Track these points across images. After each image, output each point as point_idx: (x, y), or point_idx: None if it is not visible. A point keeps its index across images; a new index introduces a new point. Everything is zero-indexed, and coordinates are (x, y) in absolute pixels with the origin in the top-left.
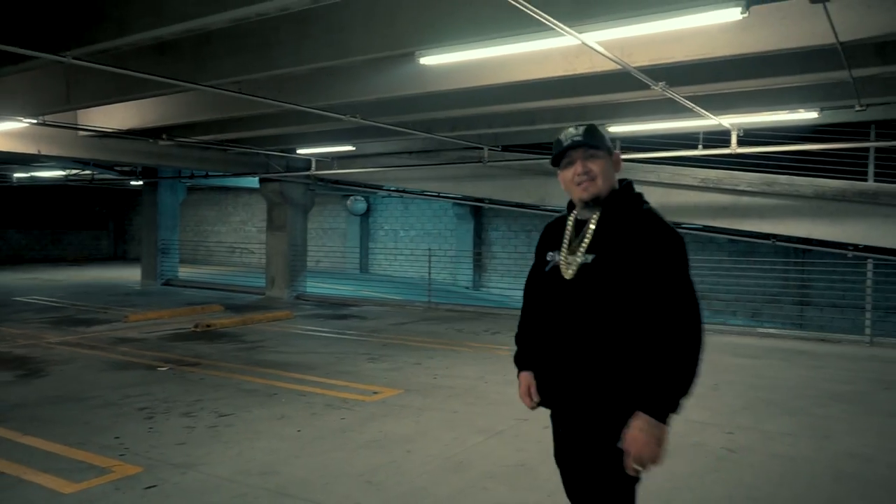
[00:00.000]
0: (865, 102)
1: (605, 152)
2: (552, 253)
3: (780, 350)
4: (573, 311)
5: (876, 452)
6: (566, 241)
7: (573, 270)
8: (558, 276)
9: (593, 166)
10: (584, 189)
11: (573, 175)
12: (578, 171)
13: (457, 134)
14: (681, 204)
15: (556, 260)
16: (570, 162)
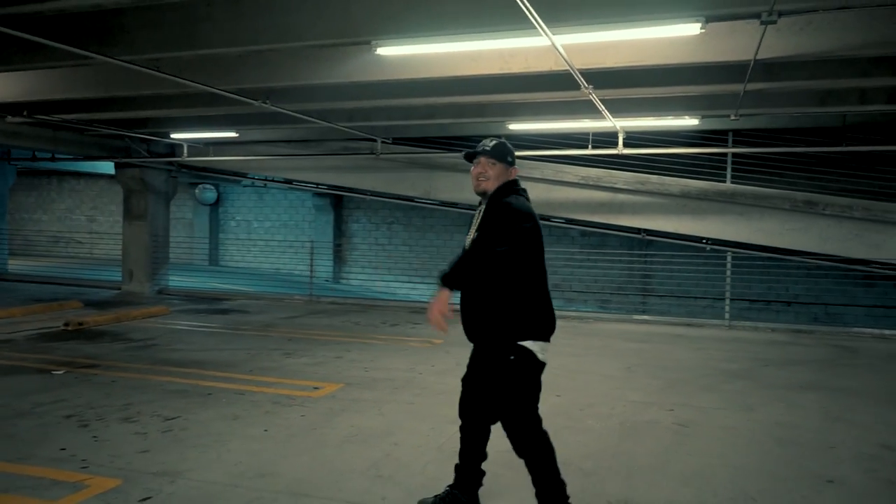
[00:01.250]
0: (739, 113)
1: (503, 164)
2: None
3: (660, 335)
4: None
5: (794, 420)
6: (474, 223)
7: (468, 243)
8: (464, 248)
9: (490, 171)
10: (477, 185)
11: (476, 172)
12: (478, 171)
13: (353, 124)
14: (562, 200)
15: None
16: (477, 163)
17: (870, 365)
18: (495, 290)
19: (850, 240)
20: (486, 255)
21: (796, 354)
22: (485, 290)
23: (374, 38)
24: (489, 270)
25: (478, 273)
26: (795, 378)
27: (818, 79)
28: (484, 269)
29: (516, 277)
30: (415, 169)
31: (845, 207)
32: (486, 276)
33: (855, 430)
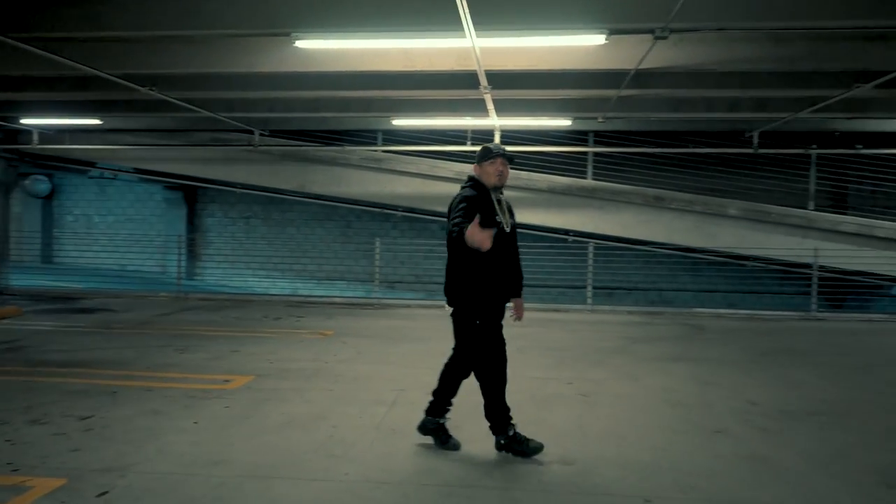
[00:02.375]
0: (606, 116)
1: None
2: (499, 217)
3: (534, 320)
4: (511, 251)
5: (675, 385)
6: (497, 209)
7: (509, 225)
8: (503, 230)
9: (506, 170)
10: (500, 179)
11: (496, 170)
12: (501, 169)
13: (233, 115)
14: (437, 194)
15: (501, 220)
16: (495, 162)
17: (716, 339)
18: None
19: (691, 231)
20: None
21: (656, 332)
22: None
23: (294, 31)
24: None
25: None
26: (663, 352)
27: (676, 88)
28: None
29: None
30: (290, 162)
31: (688, 202)
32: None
33: (723, 391)
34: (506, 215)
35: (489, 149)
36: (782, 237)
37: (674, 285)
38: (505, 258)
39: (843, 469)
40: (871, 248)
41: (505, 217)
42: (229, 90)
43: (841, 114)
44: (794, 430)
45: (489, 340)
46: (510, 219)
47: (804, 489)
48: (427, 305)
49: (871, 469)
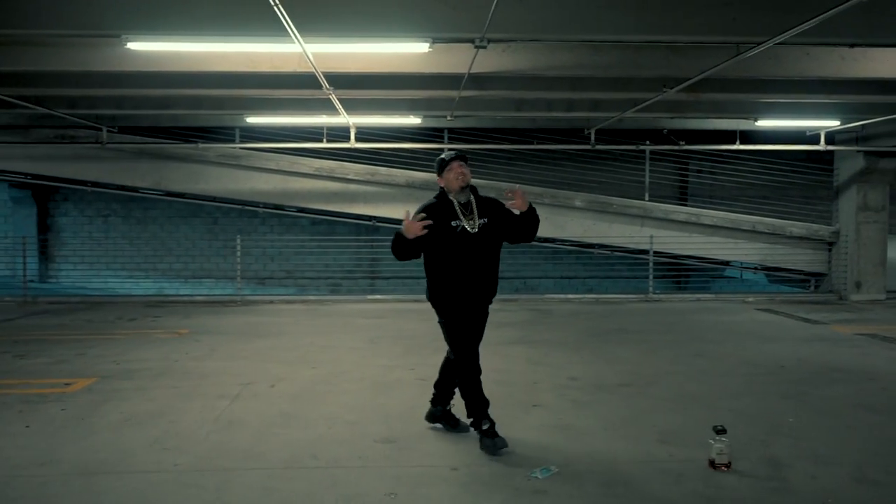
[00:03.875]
0: (454, 114)
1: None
2: (456, 222)
3: (392, 310)
4: (480, 251)
5: (507, 366)
6: (459, 213)
7: (477, 227)
8: (467, 233)
9: (467, 170)
10: (465, 180)
11: (458, 173)
12: (465, 170)
13: (76, 111)
14: (298, 189)
15: (462, 224)
16: (452, 168)
17: (559, 322)
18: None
19: (542, 222)
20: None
21: (505, 318)
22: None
23: (124, 33)
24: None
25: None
26: (506, 336)
27: (514, 90)
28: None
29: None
30: (145, 159)
31: (538, 195)
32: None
33: (550, 369)
34: (473, 217)
35: (443, 159)
36: (623, 226)
37: (537, 273)
38: (472, 260)
39: (631, 431)
40: (699, 234)
41: (467, 220)
42: (68, 87)
43: (664, 114)
44: (602, 401)
45: (455, 338)
46: (480, 220)
47: (593, 448)
48: (293, 301)
49: (655, 430)
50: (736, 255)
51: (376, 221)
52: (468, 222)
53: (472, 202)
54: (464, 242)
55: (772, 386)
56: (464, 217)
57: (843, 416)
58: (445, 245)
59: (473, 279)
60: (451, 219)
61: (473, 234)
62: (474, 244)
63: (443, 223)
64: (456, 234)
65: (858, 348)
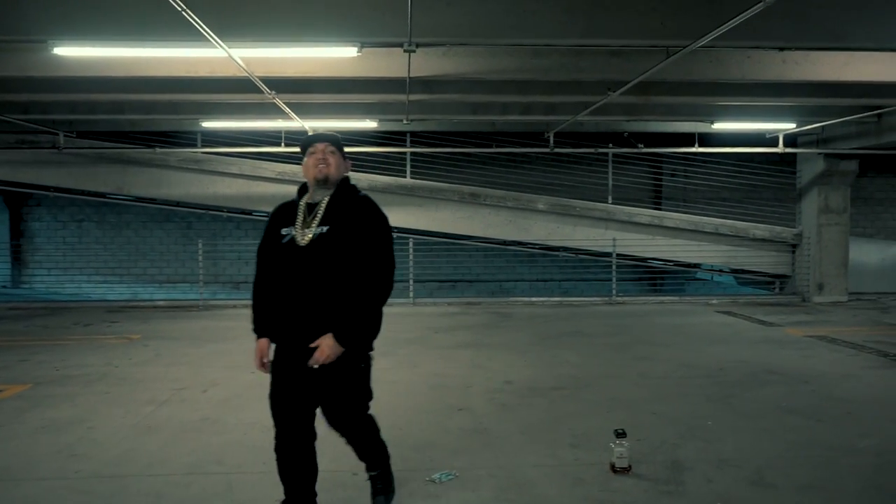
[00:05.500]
0: (410, 118)
1: (341, 155)
2: (287, 228)
3: None
4: (309, 271)
5: (446, 370)
6: (300, 219)
7: (308, 238)
8: (294, 245)
9: (331, 158)
10: (318, 171)
11: (314, 160)
12: (319, 156)
13: (29, 117)
14: (260, 194)
15: (291, 233)
16: (314, 150)
17: (516, 326)
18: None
19: (506, 225)
20: (385, 270)
21: (463, 322)
22: (343, 289)
23: (49, 38)
24: (386, 277)
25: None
26: (457, 340)
27: (463, 93)
28: (386, 276)
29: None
30: (106, 164)
31: (501, 198)
32: (376, 279)
33: (489, 373)
34: (311, 223)
35: (307, 140)
36: (588, 229)
37: (512, 276)
38: (294, 283)
39: (547, 435)
40: (662, 236)
41: (303, 227)
42: (15, 92)
43: (621, 117)
44: (529, 404)
45: (272, 380)
46: (318, 228)
47: (502, 452)
48: None
49: (571, 433)
50: (700, 258)
51: None
52: (302, 230)
53: (322, 203)
54: (287, 257)
55: (703, 389)
56: (302, 223)
57: (761, 419)
58: (275, 256)
59: (292, 310)
60: (286, 223)
61: (300, 248)
62: (299, 261)
63: (275, 228)
64: (280, 246)
65: (803, 350)
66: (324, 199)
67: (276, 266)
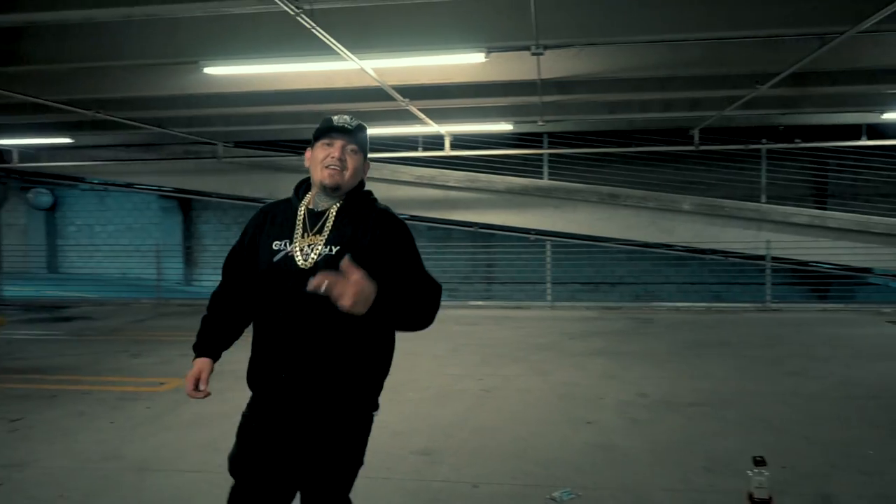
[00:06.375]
0: (545, 119)
1: (363, 157)
2: (281, 242)
3: (490, 317)
4: (313, 302)
5: (578, 380)
6: (298, 230)
7: (312, 260)
8: (292, 265)
9: (349, 160)
10: (330, 175)
11: (327, 156)
12: (335, 155)
13: (192, 130)
14: (400, 197)
15: (286, 249)
16: (330, 143)
17: (656, 333)
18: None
19: (648, 226)
20: (432, 283)
21: (600, 327)
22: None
23: (200, 59)
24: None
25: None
26: (592, 347)
27: (599, 93)
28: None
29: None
30: (258, 171)
31: (642, 199)
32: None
33: (623, 384)
34: (317, 240)
35: (324, 124)
36: (737, 230)
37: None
38: (291, 314)
39: (679, 455)
40: (825, 238)
41: (304, 241)
42: (180, 108)
43: (775, 110)
44: (663, 420)
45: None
46: (327, 247)
47: (629, 472)
48: None
49: (706, 456)
50: (871, 261)
51: (478, 227)
52: (303, 246)
53: (330, 213)
54: (279, 281)
55: (865, 412)
56: (302, 235)
57: None
58: (260, 280)
59: (284, 352)
60: (279, 235)
61: (301, 271)
62: (298, 289)
63: (262, 242)
64: (271, 265)
65: None
66: (332, 209)
67: (263, 290)
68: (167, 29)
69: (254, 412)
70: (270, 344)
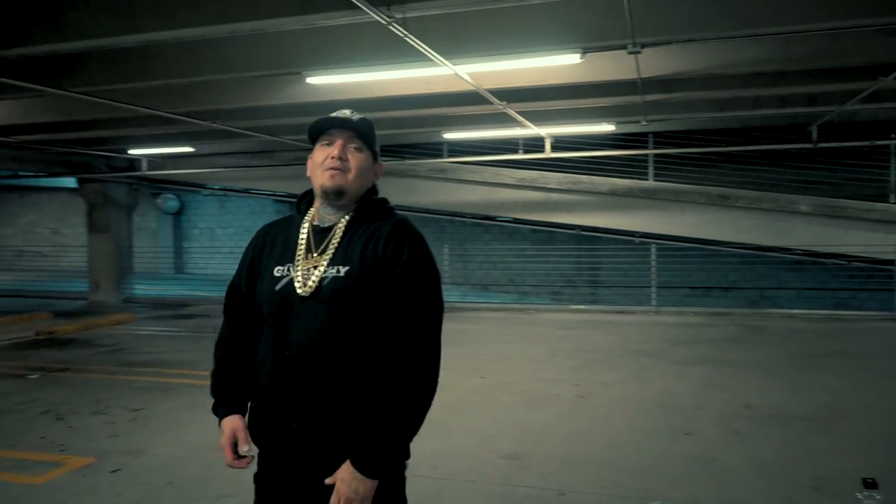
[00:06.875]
0: (648, 119)
1: (369, 152)
2: (282, 267)
3: (590, 322)
4: (315, 333)
5: (679, 388)
6: (300, 250)
7: (313, 284)
8: (293, 293)
9: (352, 158)
10: (331, 177)
11: (326, 157)
12: (334, 154)
13: (301, 137)
14: (502, 200)
15: (289, 275)
16: (329, 142)
17: (768, 341)
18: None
19: (762, 229)
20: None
21: (707, 334)
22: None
23: (304, 70)
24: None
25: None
26: (696, 354)
27: (706, 90)
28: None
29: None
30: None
31: (755, 200)
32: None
33: (727, 394)
34: (322, 261)
35: (317, 122)
36: (863, 233)
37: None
38: (290, 348)
39: (783, 473)
40: None
41: (307, 263)
42: (289, 117)
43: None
44: (769, 434)
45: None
46: (332, 267)
47: (727, 488)
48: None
49: (814, 475)
50: None
51: (580, 230)
52: (305, 269)
53: (338, 228)
54: (284, 312)
55: None
56: (305, 257)
57: None
58: (264, 312)
59: (294, 395)
60: (281, 259)
61: (300, 300)
62: (298, 317)
63: (263, 267)
64: (273, 295)
65: None
66: (339, 223)
67: (266, 324)
68: (272, 42)
69: (265, 472)
70: (276, 387)
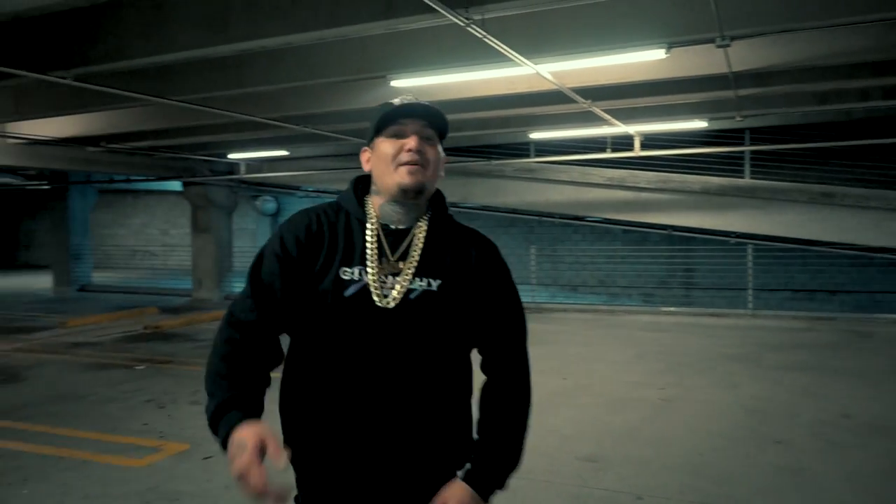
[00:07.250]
0: (743, 114)
1: (441, 147)
2: (351, 270)
3: (681, 324)
4: (400, 353)
5: (771, 394)
6: (371, 253)
7: (397, 295)
8: (369, 303)
9: (429, 151)
10: (410, 173)
11: (400, 150)
12: (412, 146)
13: None
14: (590, 199)
15: (362, 280)
16: (400, 133)
17: (873, 348)
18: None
19: (871, 229)
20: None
21: (805, 339)
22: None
23: (388, 73)
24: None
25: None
26: (791, 360)
27: (804, 83)
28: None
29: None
30: (450, 177)
31: (861, 198)
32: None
33: (823, 402)
34: (404, 269)
35: (386, 109)
36: None
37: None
38: (373, 370)
39: (880, 488)
40: None
41: (384, 271)
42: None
43: None
44: (867, 445)
45: None
46: (421, 279)
47: (815, 500)
48: (585, 310)
49: None
50: None
51: (672, 230)
52: (382, 277)
53: (417, 233)
54: (354, 324)
55: None
56: (378, 262)
57: None
58: (317, 320)
59: (365, 416)
60: (346, 261)
61: (385, 310)
62: (384, 332)
63: (322, 265)
64: (342, 301)
65: None
66: (419, 228)
67: (321, 335)
68: (356, 48)
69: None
70: (340, 412)
